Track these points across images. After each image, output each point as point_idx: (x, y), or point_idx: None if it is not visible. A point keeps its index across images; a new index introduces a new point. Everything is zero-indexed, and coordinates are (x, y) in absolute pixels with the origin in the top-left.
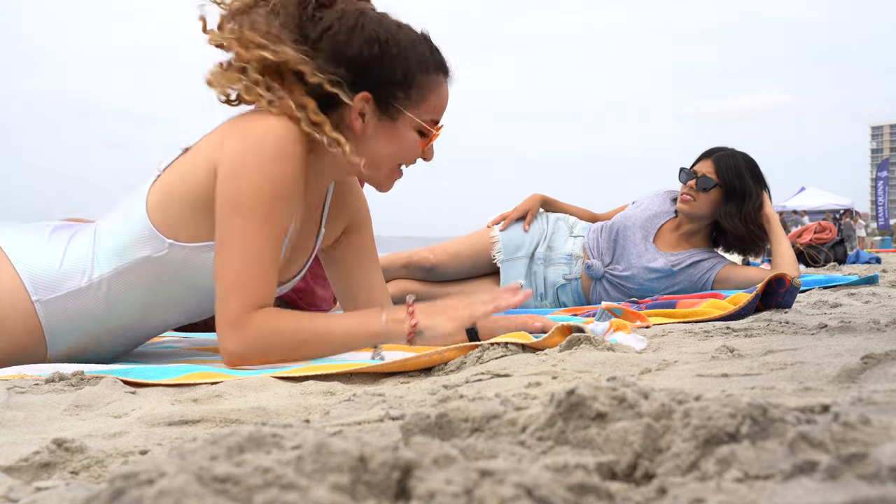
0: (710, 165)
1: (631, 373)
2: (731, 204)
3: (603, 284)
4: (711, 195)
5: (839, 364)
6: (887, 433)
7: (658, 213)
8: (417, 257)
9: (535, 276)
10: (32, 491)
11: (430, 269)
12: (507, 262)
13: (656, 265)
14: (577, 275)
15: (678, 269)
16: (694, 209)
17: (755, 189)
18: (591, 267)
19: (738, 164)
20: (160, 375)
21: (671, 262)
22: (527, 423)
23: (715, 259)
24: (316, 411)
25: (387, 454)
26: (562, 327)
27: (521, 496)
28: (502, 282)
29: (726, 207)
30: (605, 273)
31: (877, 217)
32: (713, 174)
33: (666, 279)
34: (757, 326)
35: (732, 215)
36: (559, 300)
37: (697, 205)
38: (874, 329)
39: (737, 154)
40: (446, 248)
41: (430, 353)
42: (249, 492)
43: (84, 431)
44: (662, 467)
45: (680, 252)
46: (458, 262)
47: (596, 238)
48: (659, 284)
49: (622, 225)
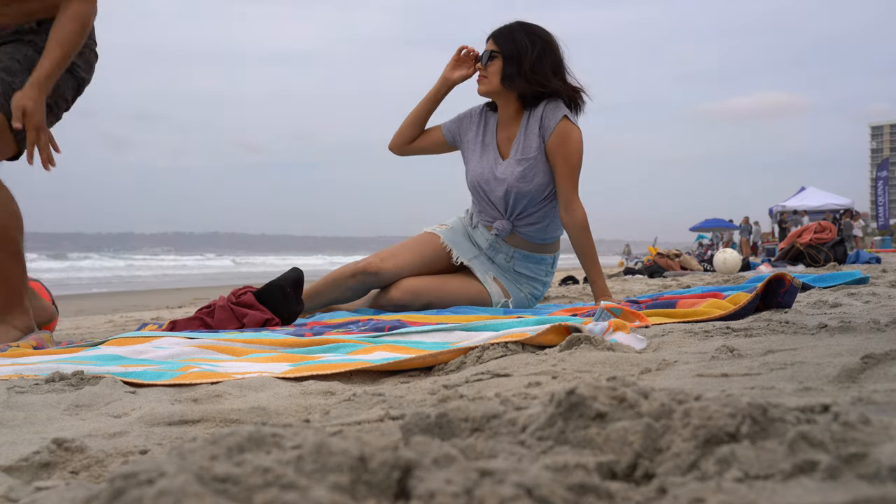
0: (491, 42)
1: (631, 373)
2: (513, 65)
3: (520, 229)
4: (495, 65)
5: (839, 364)
6: (887, 433)
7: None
8: (363, 264)
9: (496, 272)
10: (32, 491)
11: (376, 274)
12: (473, 259)
13: (514, 167)
14: (506, 251)
15: (528, 146)
16: (487, 86)
17: (530, 44)
18: (499, 230)
19: (511, 29)
20: (160, 375)
21: (517, 149)
22: (527, 422)
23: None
24: (316, 411)
25: (387, 454)
26: (559, 326)
27: (521, 496)
28: (478, 273)
29: (508, 70)
30: (513, 224)
31: (877, 217)
32: (494, 48)
33: (531, 166)
34: (757, 326)
35: (514, 76)
36: (522, 275)
37: (489, 80)
38: (874, 329)
39: (513, 23)
40: (395, 254)
41: (425, 356)
42: (249, 492)
43: (84, 431)
44: (662, 467)
45: (516, 135)
46: (408, 266)
47: (485, 211)
48: (533, 171)
49: (488, 188)
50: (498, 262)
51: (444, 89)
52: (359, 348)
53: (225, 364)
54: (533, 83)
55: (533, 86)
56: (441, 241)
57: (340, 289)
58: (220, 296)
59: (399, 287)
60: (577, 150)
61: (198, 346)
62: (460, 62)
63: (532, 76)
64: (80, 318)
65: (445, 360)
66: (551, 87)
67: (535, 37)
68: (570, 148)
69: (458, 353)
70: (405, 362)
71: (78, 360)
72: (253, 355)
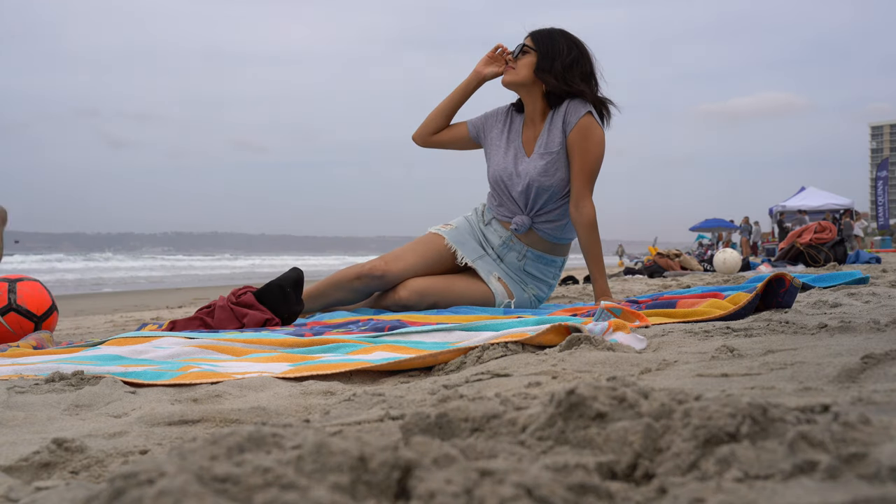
0: (529, 39)
1: (631, 373)
2: (546, 61)
3: (539, 226)
4: (527, 59)
5: (839, 364)
6: (887, 433)
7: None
8: (368, 267)
9: (502, 272)
10: (32, 491)
11: (381, 277)
12: (478, 260)
13: (537, 161)
14: (519, 249)
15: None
16: (513, 76)
17: (566, 49)
18: (518, 225)
19: (551, 31)
20: (160, 376)
21: (540, 145)
22: (527, 422)
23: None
24: (316, 411)
25: (387, 454)
26: (559, 326)
27: (521, 496)
28: (482, 273)
29: (542, 64)
30: (532, 220)
31: (877, 217)
32: (530, 44)
33: (554, 157)
34: (757, 326)
35: (546, 71)
36: (530, 275)
37: (517, 71)
38: (874, 329)
39: (554, 28)
40: (400, 256)
41: (425, 356)
42: (249, 492)
43: (84, 431)
44: (662, 467)
45: (540, 133)
46: (413, 268)
47: (505, 205)
48: (555, 166)
49: (510, 183)
50: (508, 261)
51: (475, 84)
52: (359, 348)
53: (225, 364)
54: (561, 81)
55: (560, 84)
56: (445, 241)
57: (343, 291)
58: (220, 296)
59: (406, 287)
60: (597, 147)
61: (198, 346)
62: (493, 59)
63: (561, 75)
64: (80, 318)
65: (445, 360)
66: (577, 89)
67: (573, 44)
68: (589, 143)
69: (458, 353)
70: (405, 362)
71: (78, 360)
72: (253, 355)
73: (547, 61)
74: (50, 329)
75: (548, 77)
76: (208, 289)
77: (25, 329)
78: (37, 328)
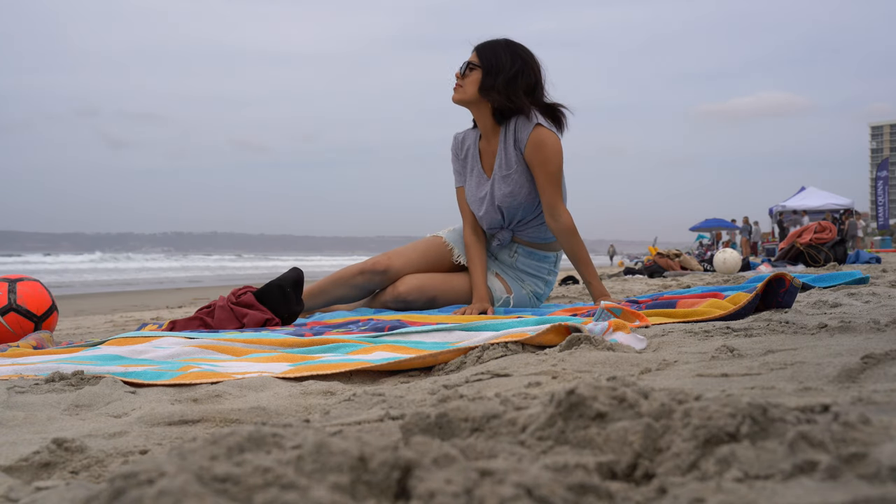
0: (474, 54)
1: (631, 373)
2: (489, 78)
3: (521, 234)
4: (473, 76)
5: (839, 364)
6: (887, 433)
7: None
8: (371, 262)
9: (498, 269)
10: (32, 491)
11: (384, 272)
12: None
13: (500, 184)
14: (510, 246)
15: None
16: (461, 95)
17: (510, 62)
18: (500, 240)
19: (494, 44)
20: (160, 375)
21: (500, 165)
22: (527, 422)
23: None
24: (316, 411)
25: (387, 454)
26: (559, 326)
27: (521, 496)
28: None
29: (485, 82)
30: (513, 231)
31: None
32: (475, 60)
33: (515, 176)
34: (757, 326)
35: (490, 88)
36: (525, 272)
37: (464, 89)
38: (874, 329)
39: (499, 39)
40: (402, 253)
41: (425, 356)
42: (249, 492)
43: (84, 431)
44: (662, 467)
45: (497, 150)
46: (414, 265)
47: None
48: (518, 184)
49: (482, 209)
50: (502, 259)
51: None
52: (359, 348)
53: (225, 364)
54: (504, 98)
55: (504, 100)
56: (444, 241)
57: (346, 287)
58: (220, 296)
59: (405, 282)
60: (554, 156)
61: (198, 346)
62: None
63: (504, 91)
64: (80, 318)
65: (445, 360)
66: (519, 104)
67: (517, 56)
68: (545, 154)
69: (458, 353)
70: (405, 362)
71: (78, 360)
72: (253, 355)
73: (490, 78)
74: (50, 329)
75: (492, 94)
76: (208, 289)
77: (25, 329)
78: (37, 328)
